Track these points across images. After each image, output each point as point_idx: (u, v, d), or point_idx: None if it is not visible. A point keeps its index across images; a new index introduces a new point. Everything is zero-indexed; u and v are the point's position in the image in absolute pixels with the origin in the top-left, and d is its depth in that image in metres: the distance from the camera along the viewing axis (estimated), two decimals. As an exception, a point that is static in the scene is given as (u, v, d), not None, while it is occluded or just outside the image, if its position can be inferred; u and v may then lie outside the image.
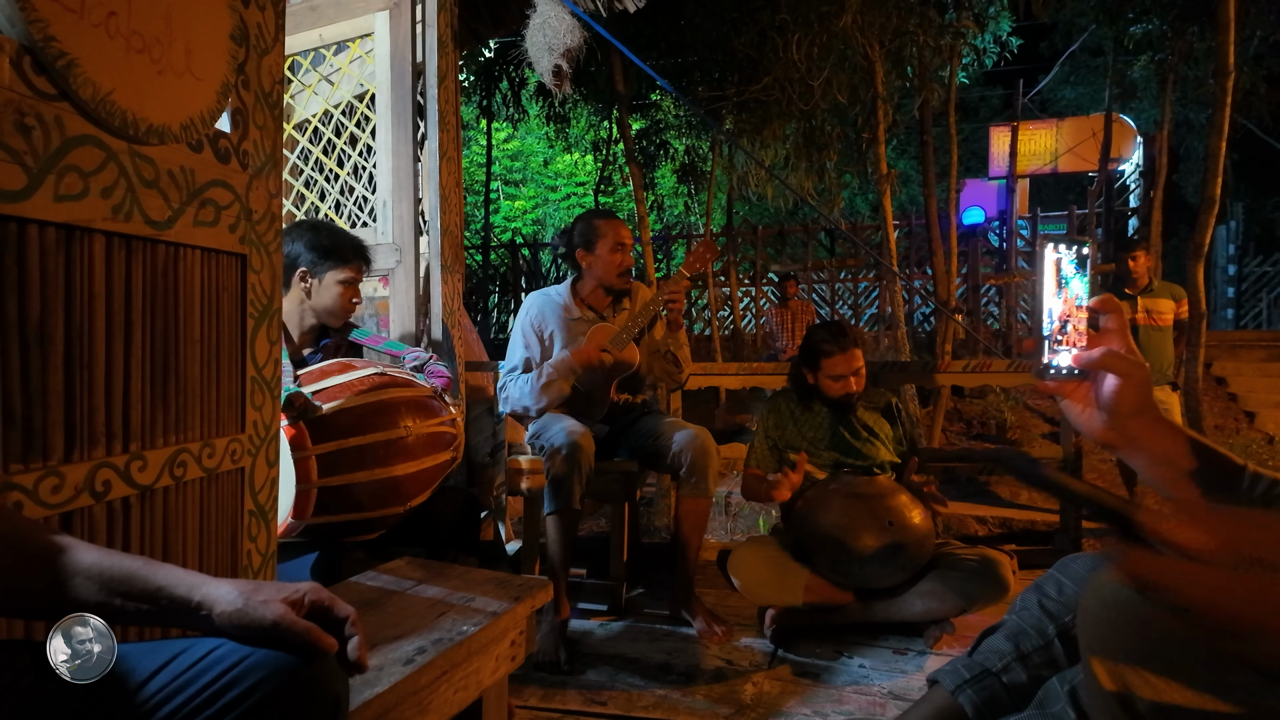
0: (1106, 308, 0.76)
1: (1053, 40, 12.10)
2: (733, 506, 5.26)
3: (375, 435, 1.58)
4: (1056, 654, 1.13)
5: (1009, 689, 1.17)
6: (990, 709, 1.19)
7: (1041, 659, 1.15)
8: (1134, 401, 0.73)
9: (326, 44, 2.63)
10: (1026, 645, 1.16)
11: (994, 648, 1.21)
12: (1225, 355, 7.85)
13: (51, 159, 0.85)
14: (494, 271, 12.53)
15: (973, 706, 1.20)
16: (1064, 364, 0.78)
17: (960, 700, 1.21)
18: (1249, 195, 14.13)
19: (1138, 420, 0.74)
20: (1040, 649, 1.15)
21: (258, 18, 1.16)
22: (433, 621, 1.14)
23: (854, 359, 2.16)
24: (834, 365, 2.15)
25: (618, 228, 2.36)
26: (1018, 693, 1.16)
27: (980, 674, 1.21)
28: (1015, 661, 1.17)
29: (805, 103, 5.77)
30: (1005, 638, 1.20)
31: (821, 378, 2.19)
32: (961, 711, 1.21)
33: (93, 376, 0.93)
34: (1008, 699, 1.17)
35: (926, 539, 1.98)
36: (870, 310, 10.57)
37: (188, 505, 1.07)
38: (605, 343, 2.25)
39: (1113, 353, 0.74)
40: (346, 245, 1.91)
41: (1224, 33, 4.88)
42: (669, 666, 1.93)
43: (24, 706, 0.65)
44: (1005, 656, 1.18)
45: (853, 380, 2.16)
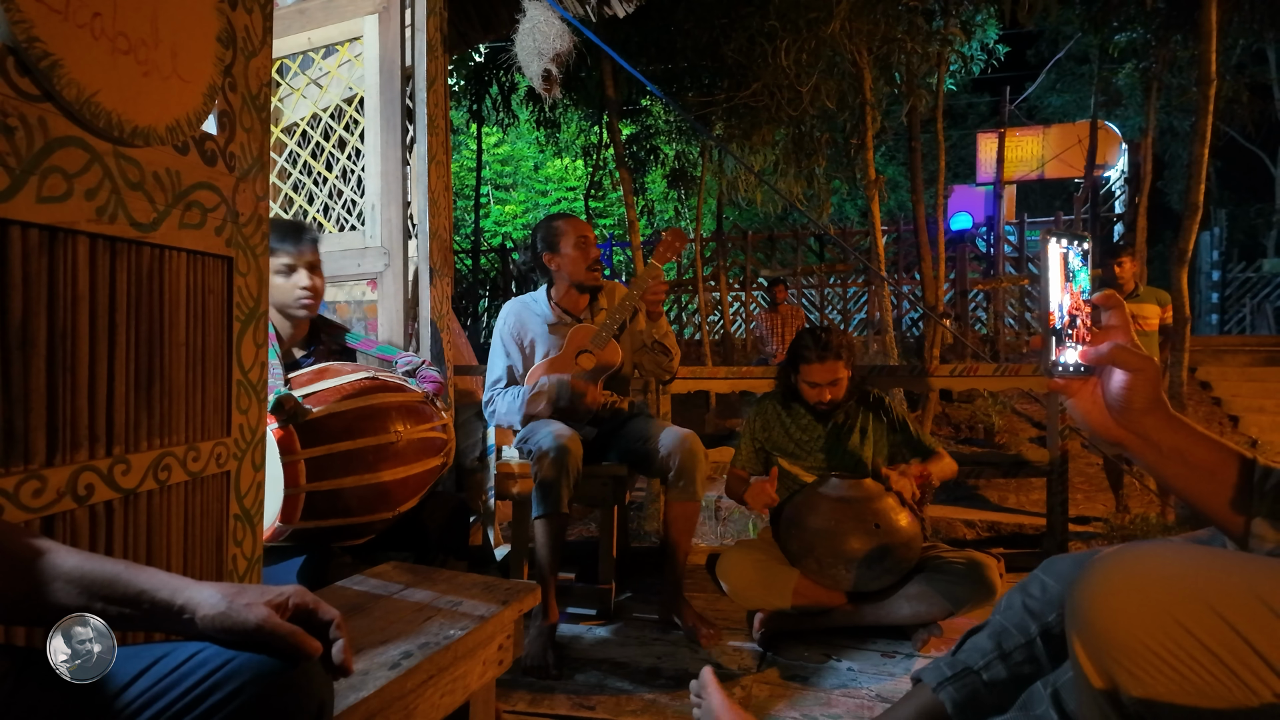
0: (1109, 304, 0.74)
1: (1039, 48, 12.24)
2: (722, 511, 5.26)
3: (365, 440, 1.57)
4: (1038, 652, 1.13)
5: (989, 686, 1.17)
6: (971, 706, 1.19)
7: (1023, 656, 1.15)
8: (1145, 397, 0.72)
9: (315, 47, 2.62)
10: (1008, 644, 1.17)
11: (976, 646, 1.21)
12: (1210, 360, 7.92)
13: (35, 160, 0.85)
14: (484, 276, 12.52)
15: (953, 703, 1.20)
16: (1072, 361, 0.76)
17: (941, 697, 1.21)
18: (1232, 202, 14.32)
19: (1149, 417, 0.73)
20: (1022, 647, 1.15)
21: (245, 20, 1.16)
22: (419, 626, 1.13)
23: (832, 370, 2.15)
24: (811, 372, 2.17)
25: (578, 225, 2.37)
26: (999, 689, 1.16)
27: (961, 671, 1.21)
28: (997, 659, 1.17)
29: (794, 108, 5.80)
30: (988, 636, 1.20)
31: (800, 380, 2.21)
32: (942, 709, 1.21)
33: (76, 379, 0.92)
34: (989, 696, 1.17)
35: (914, 542, 1.98)
36: (859, 315, 10.62)
37: (172, 509, 1.06)
38: (586, 343, 2.25)
39: (1122, 347, 0.72)
40: (276, 230, 1.80)
41: (1206, 41, 4.95)
42: (658, 671, 1.93)
43: (3, 712, 0.65)
44: (987, 654, 1.18)
45: (827, 390, 2.17)
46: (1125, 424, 0.74)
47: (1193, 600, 0.66)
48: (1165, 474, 0.74)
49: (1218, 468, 0.73)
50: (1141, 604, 0.69)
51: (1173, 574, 0.69)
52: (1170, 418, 0.73)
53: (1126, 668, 0.70)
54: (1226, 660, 0.64)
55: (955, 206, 11.35)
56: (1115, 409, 0.74)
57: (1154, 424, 0.73)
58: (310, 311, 1.87)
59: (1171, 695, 0.67)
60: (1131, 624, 0.70)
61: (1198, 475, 0.73)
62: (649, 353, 2.33)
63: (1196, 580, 0.67)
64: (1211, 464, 0.73)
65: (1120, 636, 0.71)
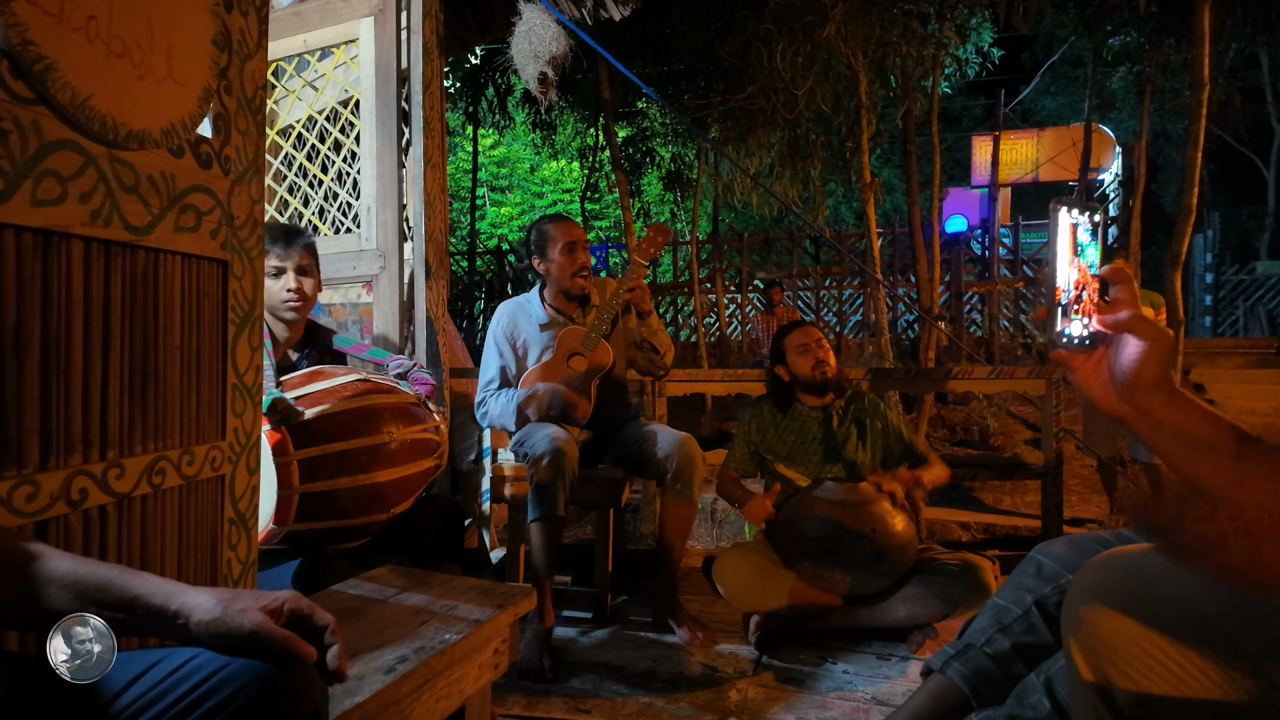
0: (1117, 278, 0.73)
1: (1033, 52, 12.30)
2: (718, 514, 5.26)
3: (358, 441, 1.57)
4: (1035, 621, 1.18)
5: (994, 658, 1.22)
6: (979, 677, 1.23)
7: (1021, 627, 1.19)
8: (1154, 372, 0.71)
9: (311, 49, 2.62)
10: (1006, 618, 1.22)
11: (977, 626, 1.27)
12: (1203, 362, 7.95)
13: (29, 163, 0.85)
14: (480, 278, 12.50)
15: (960, 677, 1.25)
16: (1077, 333, 0.74)
17: (949, 674, 1.26)
18: (1225, 205, 14.39)
19: (1155, 393, 0.72)
20: (1019, 618, 1.20)
21: (240, 23, 1.16)
22: (415, 630, 1.13)
23: (809, 331, 2.26)
24: (793, 340, 2.25)
25: (569, 228, 2.36)
26: (1003, 661, 1.21)
27: (964, 648, 1.26)
28: (997, 633, 1.22)
29: (790, 111, 5.81)
30: (986, 615, 1.26)
31: (790, 360, 2.25)
32: (953, 687, 1.25)
33: (69, 383, 0.92)
34: (994, 667, 1.22)
35: (909, 545, 1.99)
36: (855, 318, 10.64)
37: (166, 513, 1.06)
38: (576, 345, 2.25)
39: (1140, 316, 0.71)
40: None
41: (1199, 45, 4.96)
42: (653, 674, 1.93)
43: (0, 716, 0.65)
44: (987, 631, 1.24)
45: (818, 350, 2.21)
46: (1130, 398, 0.73)
47: (1180, 601, 0.67)
48: (1163, 448, 0.73)
49: (1215, 439, 0.72)
50: (1132, 606, 0.69)
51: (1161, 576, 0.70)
52: (1175, 394, 0.72)
53: (1119, 666, 0.71)
54: (1211, 656, 0.65)
55: (950, 209, 11.38)
56: (1123, 382, 0.73)
57: (1159, 400, 0.72)
58: (299, 315, 1.89)
59: (1162, 690, 0.68)
60: (1124, 625, 0.71)
61: (1195, 448, 0.72)
62: (638, 350, 2.33)
63: (1182, 581, 0.68)
64: (1209, 437, 0.72)
65: (1113, 637, 0.72)
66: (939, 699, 1.30)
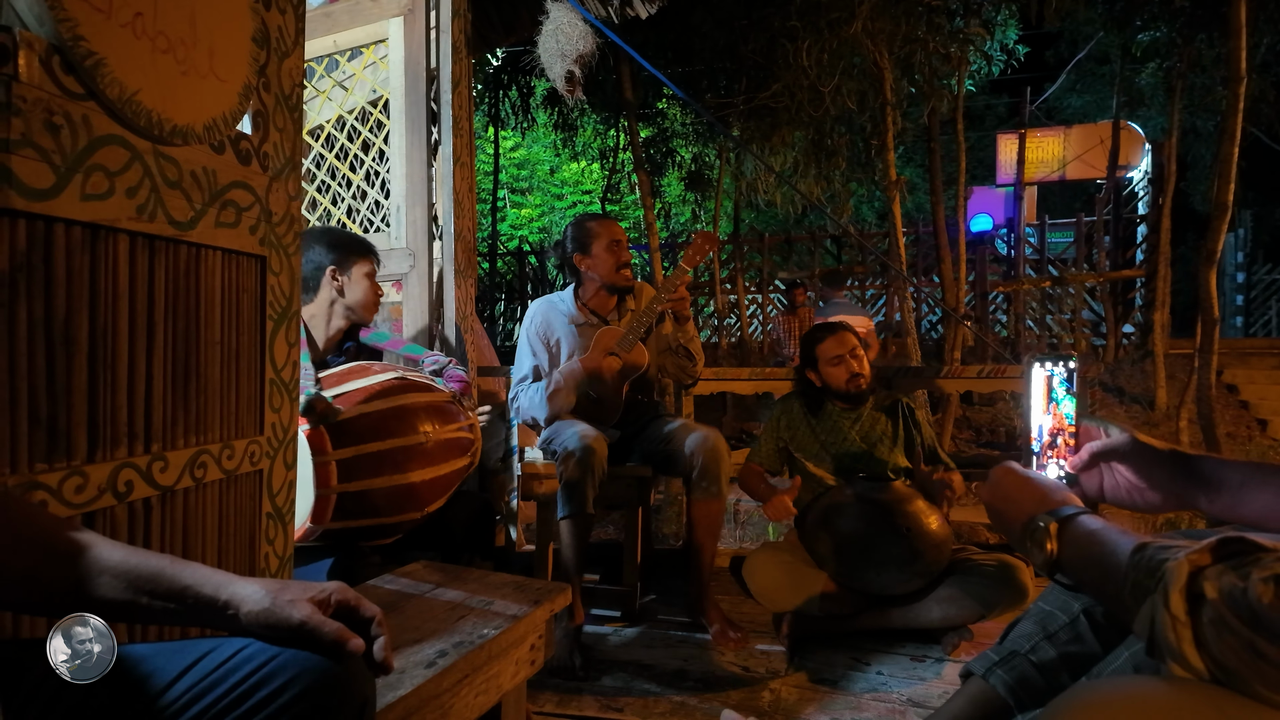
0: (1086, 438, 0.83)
1: (1059, 48, 12.11)
2: (741, 514, 5.23)
3: (394, 441, 1.57)
4: (1082, 629, 1.14)
5: (1039, 667, 1.18)
6: (1022, 687, 1.19)
7: (1068, 635, 1.15)
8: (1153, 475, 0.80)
9: (341, 50, 2.64)
10: (1053, 625, 1.17)
11: (1021, 632, 1.22)
12: (1236, 363, 7.80)
13: (78, 158, 0.85)
14: (500, 279, 12.56)
15: (1004, 686, 1.21)
16: (1053, 475, 0.84)
17: (992, 682, 1.22)
18: (1257, 203, 14.08)
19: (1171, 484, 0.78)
20: (1066, 626, 1.15)
21: (279, 20, 1.17)
22: (453, 625, 1.13)
23: (845, 340, 2.21)
24: (827, 350, 2.21)
25: (610, 226, 2.37)
26: (1048, 671, 1.17)
27: (1009, 655, 1.21)
28: (1043, 640, 1.18)
29: (814, 109, 5.77)
30: (1031, 621, 1.21)
31: (822, 368, 2.21)
32: (995, 694, 1.22)
33: (115, 377, 0.92)
34: (1039, 677, 1.18)
35: (944, 545, 1.96)
36: (878, 318, 10.55)
37: (207, 507, 1.06)
38: (612, 345, 2.24)
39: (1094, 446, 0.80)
40: (360, 241, 1.99)
41: (1235, 39, 4.86)
42: (685, 673, 1.92)
43: (51, 708, 0.65)
44: (1032, 638, 1.19)
45: (852, 361, 2.17)
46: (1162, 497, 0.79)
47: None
48: (1214, 511, 0.75)
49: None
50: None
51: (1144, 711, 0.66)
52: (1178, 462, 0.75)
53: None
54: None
55: (975, 208, 11.24)
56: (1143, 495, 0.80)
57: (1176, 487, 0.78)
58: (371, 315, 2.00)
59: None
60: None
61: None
62: (673, 356, 2.32)
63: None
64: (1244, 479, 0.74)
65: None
66: (979, 705, 1.27)
